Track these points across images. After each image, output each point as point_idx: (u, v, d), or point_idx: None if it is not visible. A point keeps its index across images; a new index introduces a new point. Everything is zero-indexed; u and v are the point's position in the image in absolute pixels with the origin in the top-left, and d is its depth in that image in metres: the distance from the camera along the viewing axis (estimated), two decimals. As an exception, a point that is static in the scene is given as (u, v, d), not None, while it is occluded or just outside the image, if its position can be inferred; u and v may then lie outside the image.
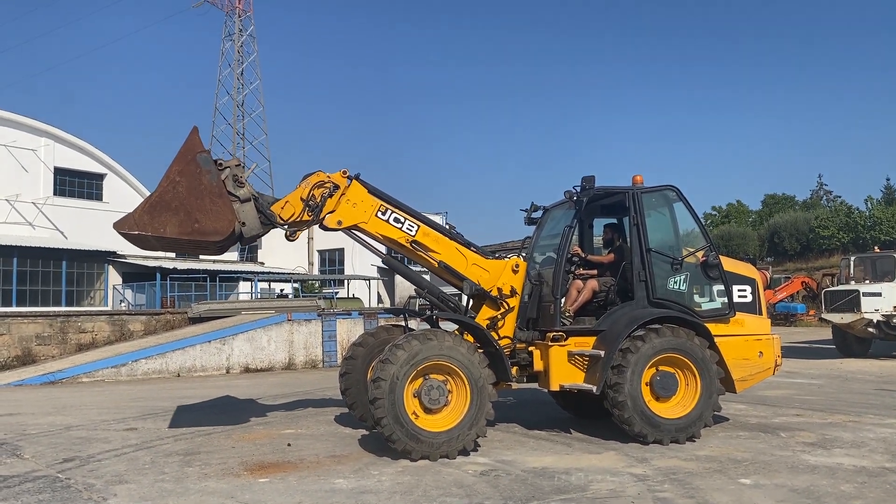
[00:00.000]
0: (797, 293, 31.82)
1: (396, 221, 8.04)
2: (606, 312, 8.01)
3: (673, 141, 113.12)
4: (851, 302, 17.35)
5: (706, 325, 7.84)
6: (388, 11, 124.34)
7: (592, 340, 7.83)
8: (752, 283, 8.49)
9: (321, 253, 45.03)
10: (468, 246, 8.25)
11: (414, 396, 6.94)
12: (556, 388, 7.82)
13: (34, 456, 7.47)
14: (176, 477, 6.38)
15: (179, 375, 17.00)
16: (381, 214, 8.02)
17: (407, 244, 8.06)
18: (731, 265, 8.53)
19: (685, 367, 7.57)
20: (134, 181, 36.73)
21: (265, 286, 37.85)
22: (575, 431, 8.28)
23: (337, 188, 7.90)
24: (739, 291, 8.33)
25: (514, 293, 8.11)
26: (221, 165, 7.58)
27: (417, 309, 9.74)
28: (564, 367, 7.77)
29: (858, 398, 10.98)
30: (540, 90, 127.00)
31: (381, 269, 37.44)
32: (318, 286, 41.49)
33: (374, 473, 6.37)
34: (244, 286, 36.77)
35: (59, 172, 33.84)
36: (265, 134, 57.40)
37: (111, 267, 33.59)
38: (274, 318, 19.08)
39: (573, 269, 8.36)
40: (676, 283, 8.08)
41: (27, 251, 30.26)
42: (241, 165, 7.84)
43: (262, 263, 42.54)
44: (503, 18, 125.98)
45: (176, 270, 32.26)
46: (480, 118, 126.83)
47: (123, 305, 32.41)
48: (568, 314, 8.02)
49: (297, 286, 38.18)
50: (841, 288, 18.36)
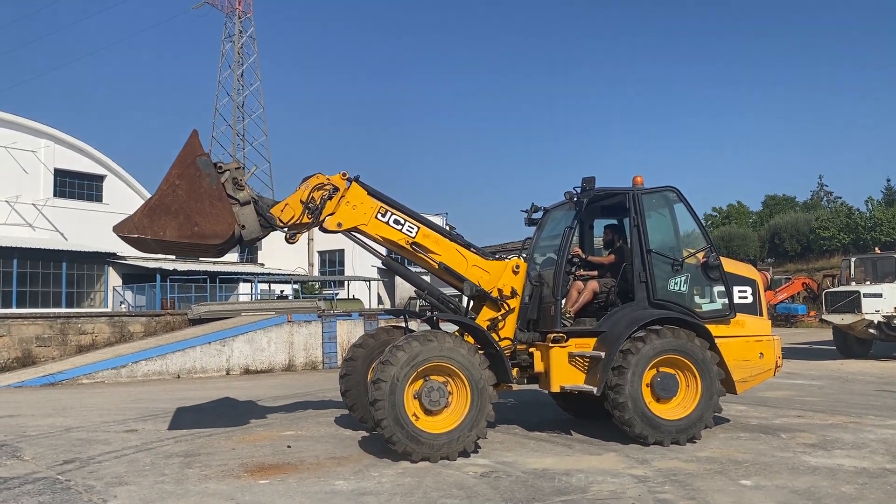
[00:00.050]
0: (798, 294, 31.91)
1: (396, 223, 8.03)
2: (607, 314, 8.01)
3: (673, 142, 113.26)
4: (852, 303, 17.35)
5: (707, 326, 7.83)
6: (388, 12, 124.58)
7: (593, 342, 7.83)
8: (752, 284, 8.49)
9: (321, 254, 45.05)
10: (468, 247, 8.24)
11: (414, 398, 6.93)
12: (556, 389, 7.82)
13: (34, 457, 7.47)
14: (176, 478, 6.38)
15: (179, 377, 17.01)
16: (380, 216, 8.00)
17: (407, 246, 8.04)
18: (731, 266, 8.53)
19: (686, 368, 7.56)
20: (134, 182, 36.72)
21: (265, 287, 37.82)
22: (575, 433, 8.27)
23: (336, 190, 7.89)
24: (740, 292, 8.33)
25: (514, 294, 8.10)
26: (221, 168, 7.56)
27: (418, 310, 9.74)
28: (565, 368, 7.76)
29: (859, 399, 10.97)
30: (540, 90, 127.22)
31: (381, 270, 37.43)
32: (318, 287, 41.52)
33: (374, 475, 6.37)
34: (244, 287, 36.76)
35: (59, 174, 33.81)
36: (265, 135, 57.33)
37: (111, 268, 33.60)
38: (274, 319, 19.09)
39: (574, 270, 8.36)
40: (677, 284, 8.08)
41: (27, 252, 30.28)
42: (240, 168, 7.81)
43: (262, 265, 42.54)
44: (504, 20, 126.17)
45: (176, 272, 32.26)
46: (480, 119, 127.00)
47: (123, 307, 32.41)
48: (568, 315, 8.02)
49: (297, 287, 38.19)
50: (841, 289, 18.37)
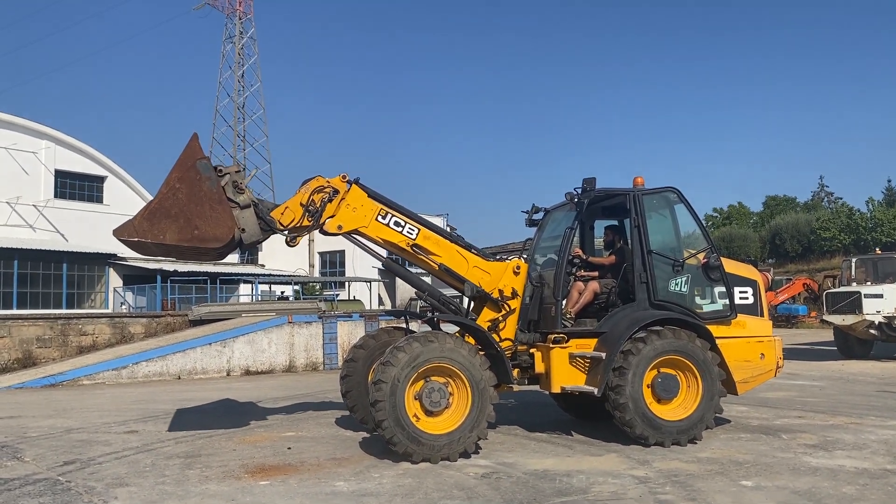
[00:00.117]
0: (798, 295, 31.84)
1: (397, 225, 8.02)
2: (608, 314, 8.01)
3: (674, 142, 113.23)
4: (853, 303, 17.34)
5: (708, 326, 7.83)
6: (388, 12, 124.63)
7: (594, 342, 7.82)
8: (753, 284, 8.48)
9: (322, 255, 45.06)
10: (469, 248, 8.24)
11: (415, 399, 6.92)
12: (557, 390, 7.81)
13: (35, 459, 7.46)
14: (177, 479, 6.38)
15: (180, 378, 17.00)
16: (381, 218, 7.99)
17: (408, 248, 8.03)
18: (732, 267, 8.52)
19: (687, 369, 7.56)
20: (134, 183, 36.74)
21: (266, 288, 37.83)
22: (576, 434, 8.27)
23: (336, 193, 7.88)
24: (741, 293, 8.32)
25: (515, 295, 8.09)
26: (221, 172, 7.56)
27: (418, 311, 9.74)
28: (566, 369, 7.76)
29: (860, 400, 10.96)
30: (540, 91, 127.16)
31: (381, 271, 37.41)
32: (318, 288, 41.51)
33: (374, 476, 6.36)
34: (245, 288, 36.80)
35: (59, 175, 33.82)
36: (266, 136, 57.47)
37: (112, 269, 33.62)
38: (274, 320, 19.08)
39: (574, 270, 8.36)
40: (678, 284, 8.07)
41: (28, 253, 30.29)
42: (240, 171, 7.80)
43: (262, 266, 42.57)
44: (504, 19, 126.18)
45: (176, 273, 32.27)
46: (481, 119, 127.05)
47: (124, 308, 32.42)
48: (569, 316, 8.02)
49: (297, 288, 38.18)
50: (842, 289, 18.35)
